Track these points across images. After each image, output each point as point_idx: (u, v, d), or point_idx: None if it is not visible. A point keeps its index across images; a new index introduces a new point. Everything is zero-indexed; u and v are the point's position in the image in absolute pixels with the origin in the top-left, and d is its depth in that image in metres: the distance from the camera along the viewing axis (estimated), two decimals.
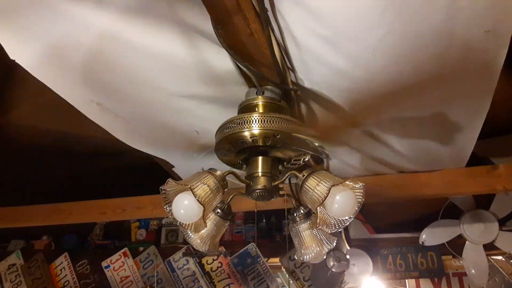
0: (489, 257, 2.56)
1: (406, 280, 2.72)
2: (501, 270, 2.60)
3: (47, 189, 2.92)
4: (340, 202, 1.07)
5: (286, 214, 1.42)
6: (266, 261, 2.81)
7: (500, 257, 2.63)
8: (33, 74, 1.26)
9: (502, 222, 2.52)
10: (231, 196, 1.34)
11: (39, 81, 1.29)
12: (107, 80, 1.32)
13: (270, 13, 1.07)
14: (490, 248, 2.54)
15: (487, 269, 2.52)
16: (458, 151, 1.77)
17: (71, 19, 1.08)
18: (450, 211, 2.61)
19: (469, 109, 1.38)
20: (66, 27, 1.11)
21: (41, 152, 2.59)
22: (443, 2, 0.95)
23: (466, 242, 2.56)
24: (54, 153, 2.61)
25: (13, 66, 1.22)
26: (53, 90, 1.32)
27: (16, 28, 1.13)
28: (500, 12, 0.96)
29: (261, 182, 1.27)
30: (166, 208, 1.15)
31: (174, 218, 1.13)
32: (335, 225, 1.16)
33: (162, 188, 1.15)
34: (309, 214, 1.34)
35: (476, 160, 1.95)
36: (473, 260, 2.54)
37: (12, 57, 1.19)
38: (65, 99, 1.38)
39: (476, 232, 2.52)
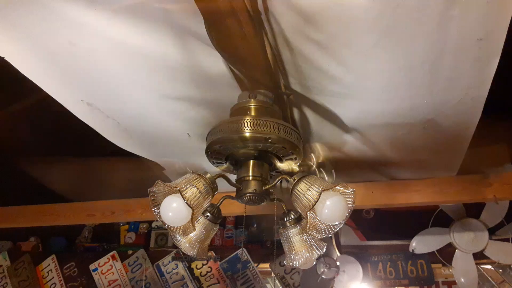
0: (478, 266, 2.56)
1: (396, 287, 2.71)
2: (490, 279, 2.61)
3: (36, 190, 2.88)
4: (331, 207, 1.07)
5: (276, 219, 1.41)
6: (256, 266, 2.80)
7: (489, 266, 2.63)
8: (23, 73, 1.24)
9: (492, 231, 2.53)
10: (221, 200, 1.33)
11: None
12: (98, 80, 1.30)
13: (263, 16, 1.06)
14: (479, 257, 2.55)
15: (476, 278, 2.52)
16: (449, 159, 1.78)
17: (63, 17, 1.07)
18: (440, 219, 2.62)
19: (460, 117, 1.39)
20: (58, 26, 1.10)
21: (29, 152, 2.56)
22: (437, 9, 0.95)
23: (456, 250, 2.57)
24: (42, 153, 2.58)
25: None
26: (43, 88, 1.31)
27: (7, 25, 1.11)
28: (492, 20, 0.97)
29: (252, 186, 1.26)
30: (154, 210, 1.13)
31: (162, 221, 1.11)
32: (325, 231, 1.15)
33: (151, 190, 1.13)
34: (299, 219, 1.33)
35: (466, 169, 1.96)
36: (462, 268, 2.55)
37: (1, 54, 1.18)
38: (55, 98, 1.36)
39: (466, 241, 2.53)
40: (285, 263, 1.35)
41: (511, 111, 1.86)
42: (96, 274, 3.01)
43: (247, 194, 1.25)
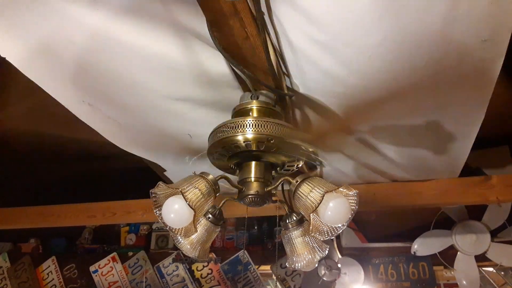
0: (480, 268, 2.55)
1: None
2: (492, 281, 2.60)
3: (36, 191, 2.88)
4: (334, 209, 1.06)
5: (278, 221, 1.40)
6: (257, 268, 2.79)
7: (491, 269, 2.63)
8: (23, 73, 1.23)
9: (494, 234, 2.52)
10: (223, 201, 1.32)
11: (30, 81, 1.27)
12: (99, 80, 1.30)
13: (266, 17, 1.06)
14: (481, 259, 2.53)
15: (478, 280, 2.51)
16: (452, 161, 1.77)
17: (64, 17, 1.06)
18: (442, 222, 2.61)
19: (463, 119, 1.38)
20: (59, 25, 1.09)
21: (30, 154, 2.55)
22: (441, 10, 0.94)
23: (458, 253, 2.56)
24: (43, 155, 2.57)
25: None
26: (44, 89, 1.30)
27: (7, 25, 1.11)
28: (497, 21, 0.96)
29: (254, 187, 1.25)
30: (156, 212, 1.12)
31: (163, 222, 1.11)
32: (327, 233, 1.14)
33: (152, 191, 1.12)
34: (301, 221, 1.32)
35: (469, 170, 1.95)
36: (464, 271, 2.54)
37: (2, 54, 1.17)
38: (56, 98, 1.35)
39: (468, 243, 2.52)
40: (287, 265, 1.34)
41: None
42: (96, 275, 3.00)
43: (249, 196, 1.24)
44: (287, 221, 1.32)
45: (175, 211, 1.07)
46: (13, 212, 2.60)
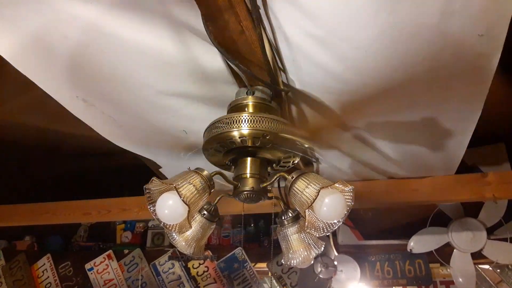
0: (476, 266, 2.56)
1: (394, 287, 2.70)
2: (488, 279, 2.60)
3: (31, 188, 2.86)
4: (329, 205, 1.05)
5: (273, 218, 1.40)
6: (253, 266, 2.78)
7: (487, 266, 2.63)
8: (16, 67, 1.22)
9: (490, 231, 2.52)
10: (218, 198, 1.31)
11: (25, 76, 1.26)
12: (93, 76, 1.28)
13: (262, 11, 1.04)
14: (477, 256, 2.54)
15: (474, 278, 2.51)
16: (448, 158, 1.77)
17: (57, 10, 1.05)
18: (439, 219, 2.61)
19: (460, 115, 1.37)
20: (52, 19, 1.08)
21: (25, 150, 2.54)
22: (437, 5, 0.94)
23: (454, 250, 2.55)
24: (39, 151, 2.56)
25: None
26: (37, 84, 1.28)
27: (0, 19, 1.09)
28: (493, 16, 0.96)
29: (249, 183, 1.25)
30: (150, 208, 1.11)
31: (157, 219, 1.10)
32: (323, 229, 1.13)
33: (146, 187, 1.11)
34: (297, 218, 1.31)
35: (465, 168, 1.95)
36: (460, 268, 2.54)
37: None
38: (49, 94, 1.34)
39: (464, 241, 2.52)
40: (283, 262, 1.33)
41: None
42: (91, 273, 2.98)
43: (245, 192, 1.24)
44: (283, 218, 1.32)
45: (169, 207, 1.07)
46: (8, 209, 2.59)
